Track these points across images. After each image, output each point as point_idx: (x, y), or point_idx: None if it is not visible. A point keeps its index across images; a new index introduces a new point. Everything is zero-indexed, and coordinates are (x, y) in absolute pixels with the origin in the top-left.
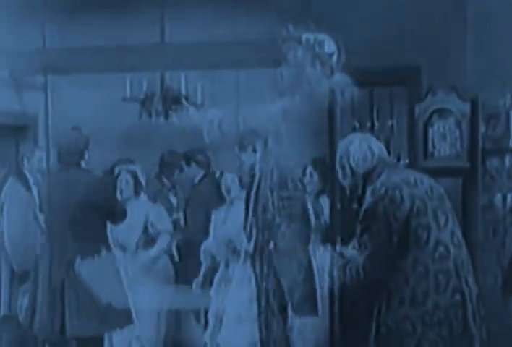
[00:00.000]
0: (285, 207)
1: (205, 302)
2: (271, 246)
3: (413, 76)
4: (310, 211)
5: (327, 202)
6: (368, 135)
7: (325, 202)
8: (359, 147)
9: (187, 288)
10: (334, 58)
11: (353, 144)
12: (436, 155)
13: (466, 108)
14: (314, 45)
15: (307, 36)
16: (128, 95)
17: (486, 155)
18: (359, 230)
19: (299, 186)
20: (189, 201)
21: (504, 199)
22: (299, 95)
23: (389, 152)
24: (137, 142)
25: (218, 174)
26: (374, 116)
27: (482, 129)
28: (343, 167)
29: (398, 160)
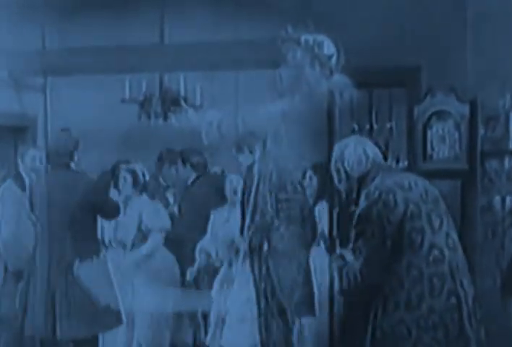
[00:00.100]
0: (284, 210)
1: (206, 304)
2: (270, 248)
3: (412, 77)
4: (311, 213)
5: (326, 205)
6: (363, 138)
7: (323, 205)
8: (354, 151)
9: (191, 290)
10: (333, 60)
11: (348, 148)
12: (435, 157)
13: (465, 110)
14: (313, 47)
15: (306, 37)
16: (127, 97)
17: (485, 157)
18: (353, 235)
19: (298, 188)
20: (181, 202)
21: (503, 201)
22: (298, 96)
23: (388, 154)
24: (136, 144)
25: (218, 174)
26: (373, 117)
27: (481, 130)
28: (338, 171)
29: (397, 162)
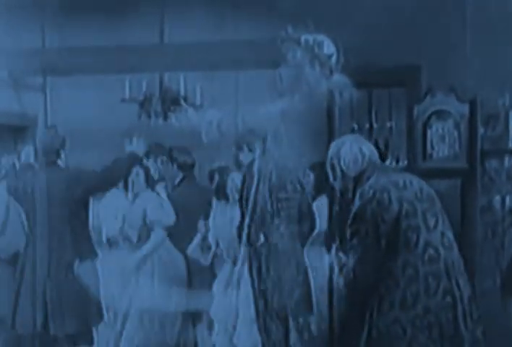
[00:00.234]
0: (283, 209)
1: (209, 304)
2: (270, 247)
3: (412, 77)
4: (310, 212)
5: (326, 204)
6: (360, 137)
7: (323, 204)
8: (350, 150)
9: (199, 290)
10: (333, 59)
11: (344, 147)
12: (435, 156)
13: (465, 109)
14: (313, 46)
15: (306, 37)
16: (127, 96)
17: (485, 156)
18: (348, 234)
19: (298, 187)
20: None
21: (503, 200)
22: (298, 95)
23: (388, 154)
24: None
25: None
26: (373, 117)
27: (481, 130)
28: (333, 168)
29: (397, 161)
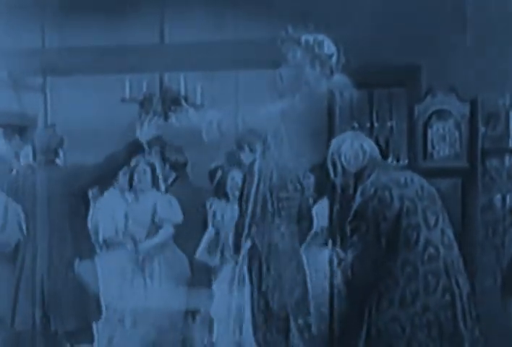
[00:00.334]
0: (284, 208)
1: (211, 303)
2: (270, 246)
3: (412, 77)
4: (309, 212)
5: (327, 207)
6: (361, 134)
7: (324, 207)
8: (351, 146)
9: (201, 289)
10: (333, 59)
11: (345, 143)
12: (435, 155)
13: (466, 109)
14: (313, 46)
15: (307, 37)
16: (127, 96)
17: (485, 155)
18: (348, 231)
19: (299, 187)
20: None
21: (503, 199)
22: (299, 95)
23: (388, 153)
24: None
25: (218, 174)
26: (374, 117)
27: (482, 129)
28: (334, 164)
29: (398, 160)
